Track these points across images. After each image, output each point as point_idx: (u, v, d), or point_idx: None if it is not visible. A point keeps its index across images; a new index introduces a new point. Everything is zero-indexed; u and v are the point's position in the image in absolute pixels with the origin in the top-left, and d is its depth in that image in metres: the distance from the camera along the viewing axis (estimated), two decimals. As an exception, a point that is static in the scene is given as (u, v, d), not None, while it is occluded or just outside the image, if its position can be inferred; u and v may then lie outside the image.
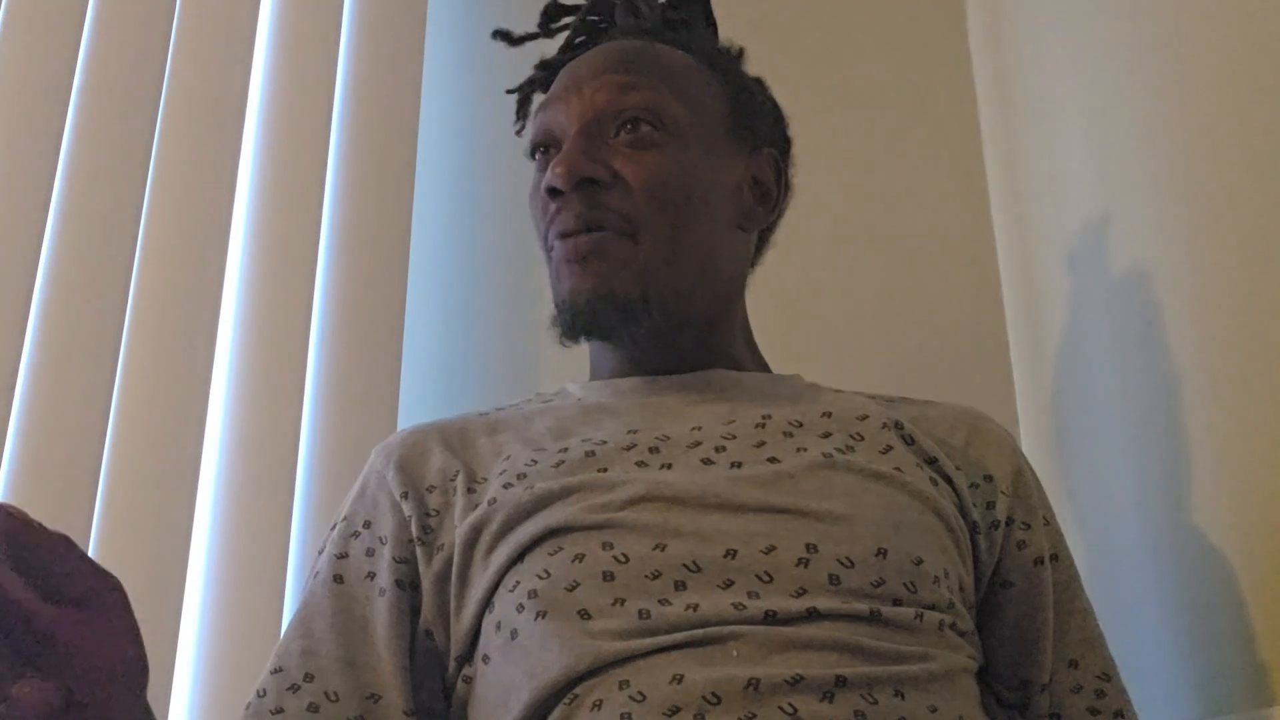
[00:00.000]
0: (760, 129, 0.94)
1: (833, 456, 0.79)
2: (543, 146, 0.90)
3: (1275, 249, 0.91)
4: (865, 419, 0.84)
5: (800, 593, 0.71)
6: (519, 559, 0.75)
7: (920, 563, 0.75)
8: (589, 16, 1.00)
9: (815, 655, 0.69)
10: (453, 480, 0.82)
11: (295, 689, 0.76)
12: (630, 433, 0.82)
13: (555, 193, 0.85)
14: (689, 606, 0.70)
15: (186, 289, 1.20)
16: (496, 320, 1.36)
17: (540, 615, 0.72)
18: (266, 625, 1.12)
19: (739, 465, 0.79)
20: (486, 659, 0.75)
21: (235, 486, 1.17)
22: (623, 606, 0.71)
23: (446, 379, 1.33)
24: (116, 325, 1.16)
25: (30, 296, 1.15)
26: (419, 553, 0.80)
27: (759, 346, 0.96)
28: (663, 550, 0.73)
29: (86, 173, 1.20)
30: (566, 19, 1.01)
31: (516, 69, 1.01)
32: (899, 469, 0.80)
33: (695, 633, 0.69)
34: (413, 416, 1.23)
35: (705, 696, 0.66)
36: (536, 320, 0.96)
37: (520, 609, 0.73)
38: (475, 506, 0.79)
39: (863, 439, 0.83)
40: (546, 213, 0.87)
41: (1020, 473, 0.87)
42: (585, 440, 0.82)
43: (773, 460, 0.79)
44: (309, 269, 1.25)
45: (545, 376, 1.30)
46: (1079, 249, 1.23)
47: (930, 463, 0.83)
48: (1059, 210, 1.28)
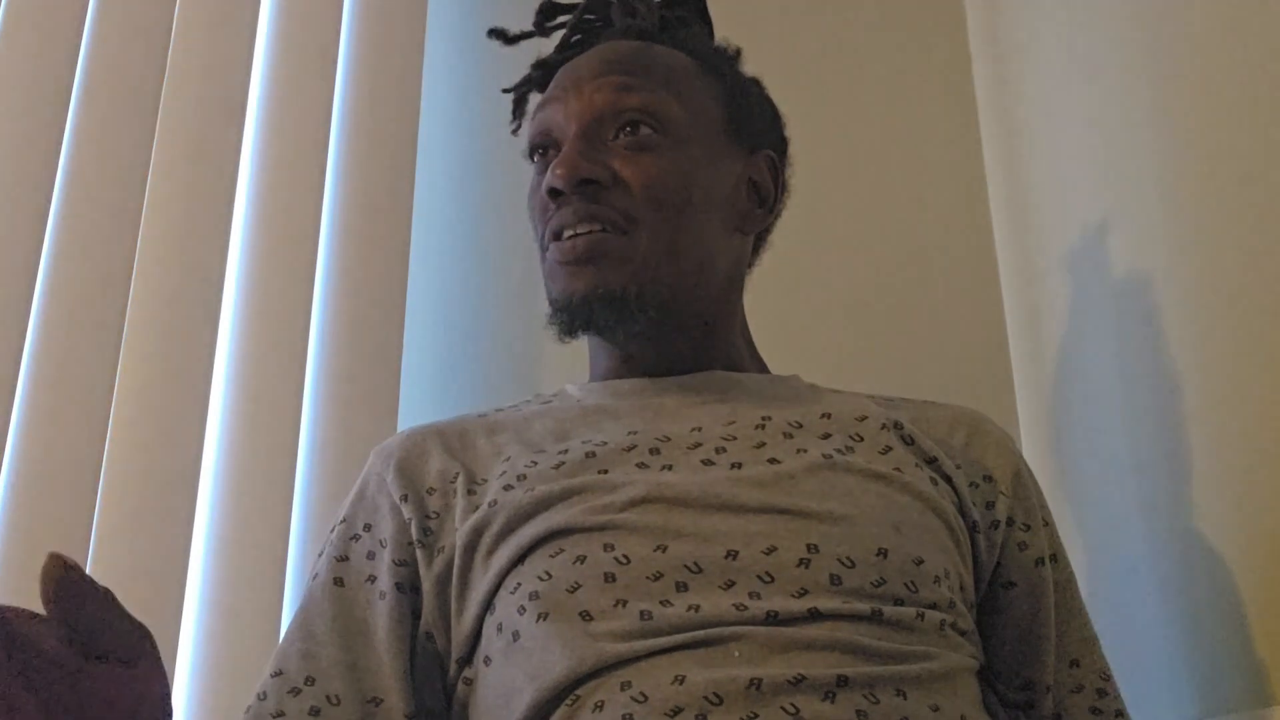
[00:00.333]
0: (757, 130, 0.94)
1: (832, 457, 0.80)
2: (541, 147, 0.90)
3: (1275, 251, 0.91)
4: (864, 419, 0.84)
5: (801, 593, 0.71)
6: (520, 561, 0.75)
7: (921, 562, 0.75)
8: (585, 16, 0.99)
9: (817, 655, 0.69)
10: (452, 482, 0.82)
11: (296, 692, 0.76)
12: (630, 434, 0.82)
13: (556, 193, 0.85)
14: (690, 607, 0.70)
15: (186, 289, 1.20)
16: (496, 320, 1.35)
17: (542, 617, 0.72)
18: (266, 626, 1.12)
19: (739, 466, 0.79)
20: (488, 661, 0.75)
21: (235, 487, 1.17)
22: (624, 608, 0.71)
23: (446, 379, 1.33)
24: (116, 325, 1.16)
25: (30, 296, 1.15)
26: (419, 555, 0.80)
27: (758, 347, 0.96)
28: (664, 551, 0.73)
29: (86, 172, 1.20)
30: (562, 18, 1.01)
31: (516, 69, 1.01)
32: (898, 469, 0.80)
33: (697, 634, 0.69)
34: (413, 417, 1.23)
35: (707, 697, 0.66)
36: (536, 320, 0.95)
37: (522, 611, 0.73)
38: (475, 508, 0.79)
39: (862, 439, 0.83)
40: (546, 213, 0.87)
41: (1019, 474, 0.87)
42: (585, 442, 0.82)
43: (773, 461, 0.79)
44: (309, 269, 1.25)
45: (545, 377, 1.30)
46: (1078, 250, 1.23)
47: (930, 463, 0.83)
48: (1058, 211, 1.28)
